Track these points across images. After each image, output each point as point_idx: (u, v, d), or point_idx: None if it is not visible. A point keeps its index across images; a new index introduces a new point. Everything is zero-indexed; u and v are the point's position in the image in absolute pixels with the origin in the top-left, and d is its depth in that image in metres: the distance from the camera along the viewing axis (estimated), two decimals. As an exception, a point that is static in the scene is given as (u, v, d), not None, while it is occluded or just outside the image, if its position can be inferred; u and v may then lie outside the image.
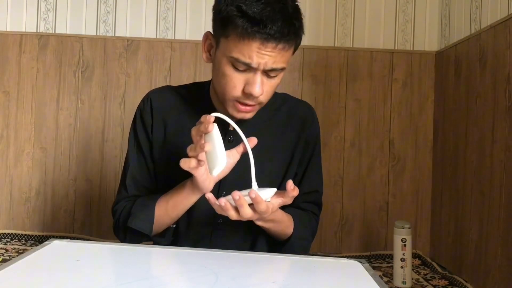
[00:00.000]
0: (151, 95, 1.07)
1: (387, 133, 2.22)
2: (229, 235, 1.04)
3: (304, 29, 0.96)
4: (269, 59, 0.87)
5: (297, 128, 1.08)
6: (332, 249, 2.20)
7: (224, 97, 0.93)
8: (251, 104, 0.92)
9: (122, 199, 1.05)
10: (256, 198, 0.78)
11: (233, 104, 0.93)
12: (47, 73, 2.21)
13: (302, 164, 1.09)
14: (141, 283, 0.67)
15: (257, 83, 0.88)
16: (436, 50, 2.21)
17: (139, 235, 1.01)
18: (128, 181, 1.05)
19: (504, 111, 1.59)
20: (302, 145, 1.08)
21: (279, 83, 0.94)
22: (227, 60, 0.89)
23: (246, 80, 0.89)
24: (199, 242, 1.03)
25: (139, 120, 1.06)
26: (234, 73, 0.89)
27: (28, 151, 2.21)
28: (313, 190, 1.10)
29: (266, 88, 0.91)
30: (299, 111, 1.11)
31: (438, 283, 1.84)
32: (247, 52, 0.86)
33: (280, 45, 0.86)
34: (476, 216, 1.76)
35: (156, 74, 2.21)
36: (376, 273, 0.78)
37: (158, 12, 2.23)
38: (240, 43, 0.86)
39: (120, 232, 1.04)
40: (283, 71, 0.92)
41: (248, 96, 0.90)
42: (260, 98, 0.91)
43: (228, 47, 0.88)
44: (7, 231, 2.18)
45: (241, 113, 0.94)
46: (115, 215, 1.06)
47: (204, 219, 1.03)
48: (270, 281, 0.74)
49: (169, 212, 0.97)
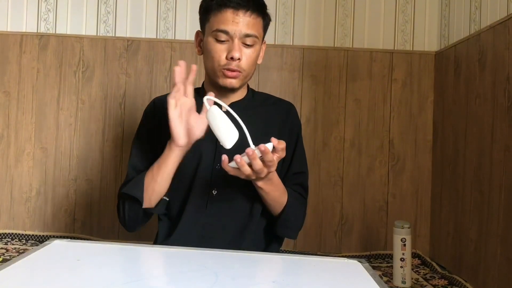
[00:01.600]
0: (155, 98, 1.27)
1: (386, 133, 2.22)
2: (224, 206, 1.15)
3: (267, 8, 1.18)
4: (242, 26, 1.10)
5: (282, 115, 1.25)
6: (332, 249, 2.21)
7: (214, 70, 1.15)
8: (235, 69, 1.12)
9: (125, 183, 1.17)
10: (265, 149, 0.92)
11: (221, 74, 1.13)
12: (48, 73, 2.22)
13: (290, 147, 1.21)
14: (141, 283, 0.68)
15: (236, 48, 1.10)
16: (435, 50, 2.22)
17: (135, 207, 1.10)
18: (130, 170, 1.18)
19: (504, 111, 1.59)
20: (287, 130, 1.23)
21: (257, 56, 1.17)
22: (211, 37, 1.13)
23: (227, 49, 1.11)
24: (195, 213, 1.14)
25: (143, 118, 1.25)
26: (217, 45, 1.12)
27: (28, 151, 2.21)
28: (301, 171, 1.25)
29: (246, 56, 1.12)
30: (283, 103, 1.30)
31: (437, 282, 1.85)
32: (223, 22, 1.10)
33: (248, 12, 1.10)
34: (475, 215, 1.76)
35: (156, 74, 2.21)
36: (375, 272, 0.78)
37: (158, 12, 2.24)
38: (217, 17, 1.11)
39: (120, 208, 1.14)
40: (258, 43, 1.14)
41: (231, 61, 1.11)
42: (241, 64, 1.12)
43: (210, 26, 1.13)
44: (8, 231, 2.19)
45: (229, 79, 1.13)
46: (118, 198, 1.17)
47: (199, 191, 1.14)
48: (270, 281, 0.75)
49: (155, 175, 1.08)
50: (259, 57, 1.21)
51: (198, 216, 1.14)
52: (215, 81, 1.16)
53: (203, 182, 1.13)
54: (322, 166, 2.20)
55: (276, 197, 1.11)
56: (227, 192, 1.14)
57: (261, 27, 1.16)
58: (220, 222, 1.14)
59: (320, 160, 2.20)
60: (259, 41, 1.16)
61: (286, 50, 2.22)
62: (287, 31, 2.24)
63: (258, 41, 1.15)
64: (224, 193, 1.15)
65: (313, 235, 2.20)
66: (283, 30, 2.23)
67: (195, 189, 1.14)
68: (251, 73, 1.18)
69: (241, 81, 1.16)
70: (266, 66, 2.19)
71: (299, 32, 2.24)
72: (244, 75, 1.15)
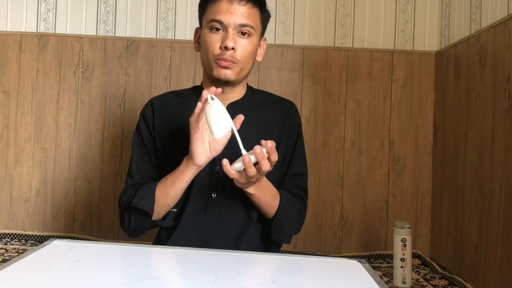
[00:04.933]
0: (152, 98, 1.23)
1: (387, 133, 2.22)
2: (224, 209, 1.14)
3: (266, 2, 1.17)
4: (236, 15, 1.08)
5: (282, 115, 1.22)
6: (332, 249, 2.20)
7: (209, 61, 1.11)
8: (229, 59, 1.08)
9: (129, 188, 1.15)
10: (272, 147, 0.92)
11: (215, 65, 1.10)
12: (47, 73, 2.21)
13: (289, 149, 1.21)
14: (141, 283, 0.67)
15: (230, 37, 1.08)
16: (436, 50, 2.21)
17: (143, 218, 1.09)
18: (133, 170, 1.17)
19: (504, 111, 1.59)
20: (287, 131, 1.21)
21: (254, 49, 1.13)
22: (206, 28, 1.11)
23: (221, 38, 1.09)
24: (195, 216, 1.13)
25: (141, 119, 1.21)
26: (212, 35, 1.10)
27: (28, 151, 2.21)
28: (300, 173, 1.23)
29: (241, 47, 1.09)
30: (283, 102, 1.27)
31: (438, 283, 1.84)
32: (218, 11, 1.08)
33: (243, 1, 1.08)
34: (476, 216, 1.76)
35: (156, 74, 2.21)
36: (376, 273, 0.78)
37: (158, 12, 2.24)
38: (213, 8, 1.10)
39: (125, 217, 1.12)
40: (254, 35, 1.11)
41: (225, 51, 1.08)
42: (235, 55, 1.09)
43: (206, 17, 1.12)
44: (7, 231, 2.18)
45: (223, 70, 1.10)
46: (121, 205, 1.15)
47: (199, 194, 1.13)
48: (270, 281, 0.74)
49: (168, 190, 1.06)
50: (258, 54, 1.18)
51: (198, 219, 1.12)
52: (210, 74, 1.12)
53: (202, 185, 1.12)
54: (322, 166, 2.20)
55: (269, 200, 1.09)
56: (226, 196, 1.13)
57: (258, 19, 1.13)
58: (220, 225, 1.13)
59: (320, 160, 2.20)
60: (256, 32, 1.13)
61: (286, 50, 2.22)
62: (287, 31, 2.23)
63: (255, 32, 1.12)
64: (223, 196, 1.13)
65: (313, 235, 2.19)
66: (283, 30, 2.23)
67: (195, 193, 1.12)
68: (247, 67, 1.14)
69: (236, 73, 1.11)
70: (266, 66, 2.19)
71: (299, 32, 2.23)
72: (239, 66, 1.11)
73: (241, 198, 1.10)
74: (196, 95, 1.15)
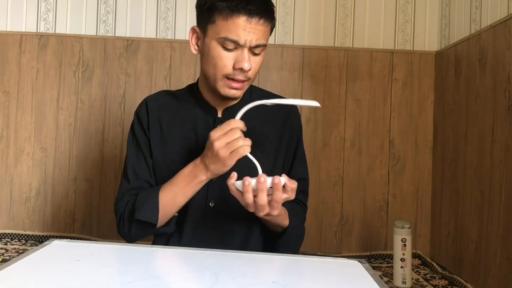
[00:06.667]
0: (146, 98, 1.17)
1: (387, 133, 2.22)
2: (223, 219, 1.10)
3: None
4: (253, 35, 0.99)
5: (282, 118, 1.17)
6: (332, 249, 2.20)
7: (216, 77, 1.04)
8: (241, 79, 1.03)
9: (125, 192, 1.11)
10: (278, 184, 0.86)
11: (224, 83, 1.04)
12: (47, 73, 2.21)
13: (290, 153, 1.17)
14: (141, 283, 0.67)
15: (246, 58, 1.00)
16: (436, 50, 2.21)
17: (145, 227, 1.05)
18: (129, 173, 1.12)
19: (504, 111, 1.59)
20: (287, 134, 1.17)
21: (263, 61, 1.08)
22: (216, 42, 1.01)
23: (235, 57, 1.01)
24: (194, 226, 1.09)
25: (136, 121, 1.15)
26: (223, 53, 1.01)
27: (28, 151, 2.21)
28: (302, 177, 1.17)
29: (253, 65, 1.03)
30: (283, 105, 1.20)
31: (438, 283, 1.84)
32: (234, 30, 0.98)
33: (261, 20, 0.99)
34: (476, 216, 1.76)
35: (156, 74, 2.21)
36: (376, 273, 0.78)
37: (158, 12, 2.24)
38: (227, 23, 0.99)
39: (125, 227, 1.08)
40: (265, 49, 1.05)
41: (238, 71, 1.01)
42: (248, 73, 1.03)
43: (216, 30, 1.00)
44: (7, 231, 2.18)
45: (233, 90, 1.04)
46: (118, 212, 1.11)
47: (196, 204, 1.09)
48: (270, 281, 0.74)
49: (177, 198, 1.03)
50: None
51: (197, 229, 1.09)
52: (215, 88, 1.06)
53: (199, 194, 1.06)
54: (322, 166, 2.20)
55: (279, 221, 1.04)
56: (224, 205, 1.08)
57: (269, 33, 1.07)
58: (220, 235, 1.10)
59: (320, 160, 2.20)
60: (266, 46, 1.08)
61: (286, 50, 2.22)
62: (287, 31, 2.23)
63: (265, 48, 1.07)
64: (221, 205, 1.09)
65: (313, 235, 2.19)
66: (283, 30, 2.23)
67: (192, 202, 1.08)
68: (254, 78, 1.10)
69: (244, 90, 1.08)
70: (266, 66, 2.19)
71: (299, 32, 2.23)
72: (249, 83, 1.08)
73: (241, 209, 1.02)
74: (192, 96, 1.14)
